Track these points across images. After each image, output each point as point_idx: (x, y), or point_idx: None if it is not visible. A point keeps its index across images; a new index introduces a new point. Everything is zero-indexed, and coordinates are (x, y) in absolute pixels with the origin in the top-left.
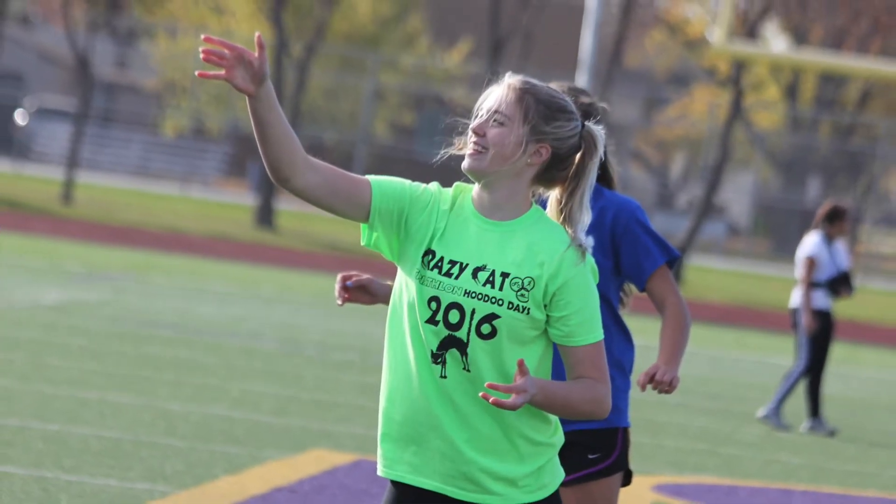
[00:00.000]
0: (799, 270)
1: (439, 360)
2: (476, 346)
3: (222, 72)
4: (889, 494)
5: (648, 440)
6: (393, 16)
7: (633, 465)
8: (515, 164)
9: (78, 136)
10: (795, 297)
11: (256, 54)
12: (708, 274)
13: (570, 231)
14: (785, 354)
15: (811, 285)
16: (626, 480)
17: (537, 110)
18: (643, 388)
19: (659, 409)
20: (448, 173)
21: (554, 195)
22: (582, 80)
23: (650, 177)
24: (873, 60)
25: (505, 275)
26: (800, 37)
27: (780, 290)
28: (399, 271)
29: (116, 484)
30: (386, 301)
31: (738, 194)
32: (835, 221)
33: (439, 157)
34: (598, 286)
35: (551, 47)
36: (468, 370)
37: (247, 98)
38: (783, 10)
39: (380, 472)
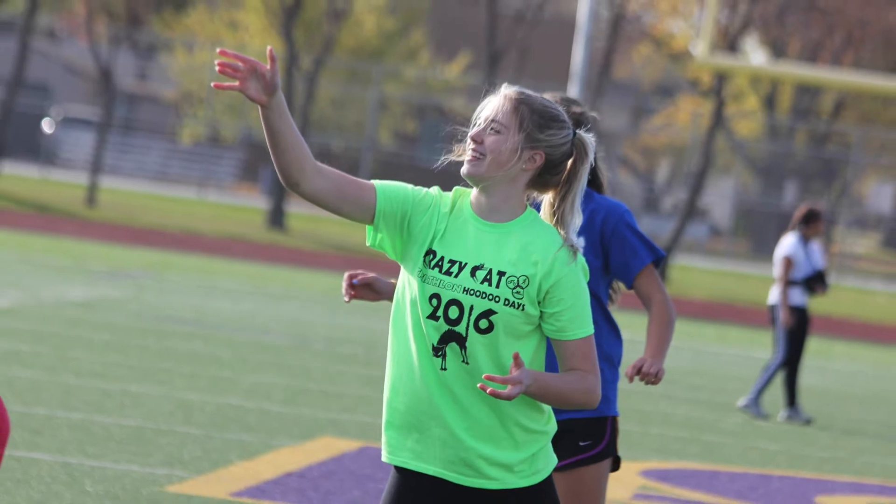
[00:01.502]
0: (777, 269)
1: (440, 353)
2: (474, 340)
3: (236, 83)
4: (861, 479)
5: (636, 428)
6: (396, 31)
7: (621, 452)
8: (511, 169)
9: (101, 143)
10: (773, 295)
11: (268, 67)
12: (691, 272)
13: (562, 232)
14: (763, 348)
15: (788, 283)
16: (615, 466)
17: (532, 119)
18: (631, 379)
19: (645, 399)
20: (448, 178)
21: (547, 199)
22: (573, 90)
23: (637, 182)
24: (846, 72)
25: (501, 273)
26: (778, 50)
27: (759, 288)
28: (402, 270)
29: (137, 469)
30: (390, 298)
31: (719, 198)
32: (810, 223)
33: (440, 163)
34: (589, 284)
35: (545, 60)
36: (467, 363)
37: (259, 108)
38: (762, 26)
39: (384, 458)
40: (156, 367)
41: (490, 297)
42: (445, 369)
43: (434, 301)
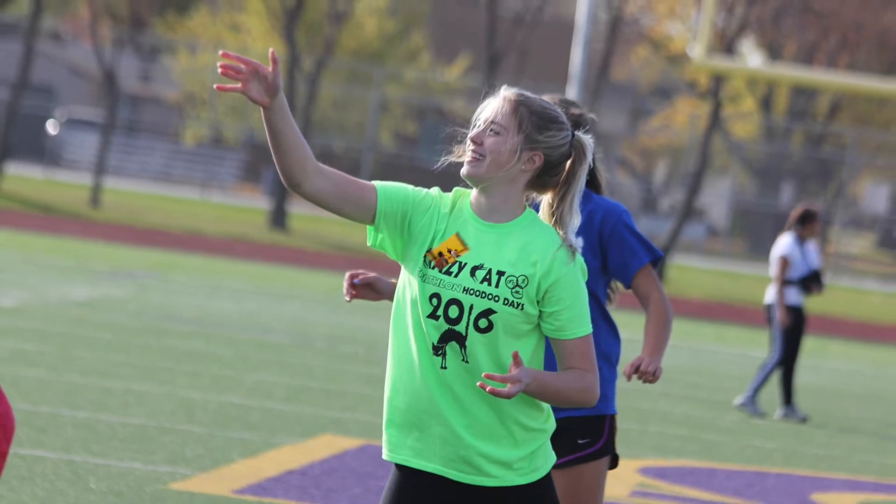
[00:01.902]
0: (773, 269)
1: (440, 352)
2: (474, 339)
3: (239, 85)
4: (857, 476)
5: (634, 426)
6: (397, 33)
7: (619, 450)
8: (510, 170)
9: (105, 144)
10: (770, 294)
11: (270, 69)
12: (689, 272)
13: (561, 232)
14: (760, 347)
15: (784, 283)
16: (613, 464)
17: (531, 121)
18: (629, 378)
19: (643, 398)
20: (448, 179)
21: (546, 199)
22: (572, 92)
23: (635, 182)
24: (842, 74)
25: (501, 273)
26: (774, 52)
27: (756, 288)
28: (402, 270)
29: (141, 467)
30: (390, 298)
31: (716, 198)
32: (806, 223)
33: (440, 164)
34: (588, 283)
35: (544, 62)
36: (467, 361)
37: (261, 109)
38: (758, 28)
39: (385, 456)
40: (158, 366)
41: (489, 296)
42: (445, 368)
43: (434, 300)
